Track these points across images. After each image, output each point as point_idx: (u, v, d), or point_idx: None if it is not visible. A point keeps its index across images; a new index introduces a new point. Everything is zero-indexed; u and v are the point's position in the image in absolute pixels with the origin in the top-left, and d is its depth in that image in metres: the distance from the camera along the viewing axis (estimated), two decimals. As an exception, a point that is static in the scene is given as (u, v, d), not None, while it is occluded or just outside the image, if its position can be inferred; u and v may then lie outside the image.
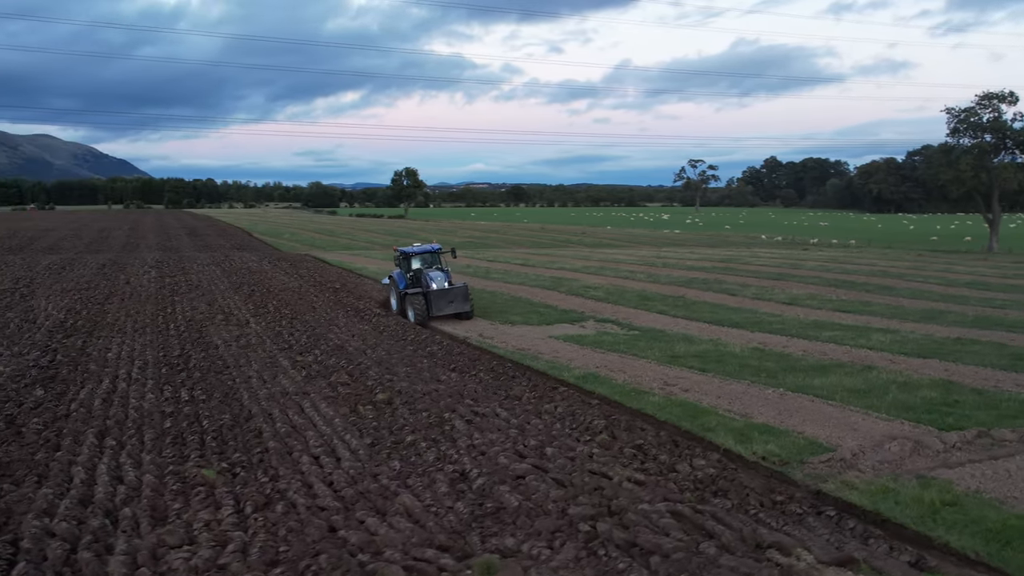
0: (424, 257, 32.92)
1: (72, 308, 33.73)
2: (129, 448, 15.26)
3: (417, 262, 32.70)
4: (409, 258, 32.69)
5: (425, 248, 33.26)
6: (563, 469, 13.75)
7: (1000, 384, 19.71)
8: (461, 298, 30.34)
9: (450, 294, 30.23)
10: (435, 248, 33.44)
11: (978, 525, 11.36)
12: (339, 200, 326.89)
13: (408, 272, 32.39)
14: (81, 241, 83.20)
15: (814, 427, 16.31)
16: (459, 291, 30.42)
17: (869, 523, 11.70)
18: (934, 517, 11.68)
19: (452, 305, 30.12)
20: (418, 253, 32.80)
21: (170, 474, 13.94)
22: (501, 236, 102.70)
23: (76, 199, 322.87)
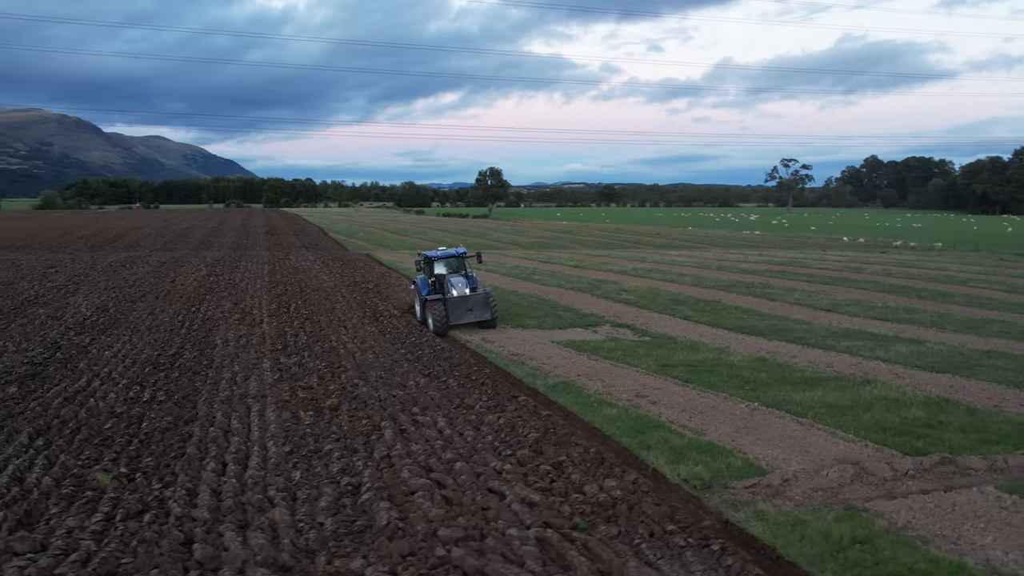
0: (449, 262, 31.00)
1: (103, 306, 34.50)
2: (53, 449, 15.19)
3: (441, 267, 30.81)
4: (432, 263, 30.84)
5: (449, 252, 31.25)
6: (461, 486, 13.00)
7: (1003, 404, 17.99)
8: (481, 306, 28.43)
9: (469, 301, 28.36)
10: (459, 252, 31.35)
11: (880, 568, 10.16)
12: (431, 200, 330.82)
13: (431, 277, 30.61)
14: (160, 239, 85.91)
15: (764, 447, 15.09)
16: (479, 298, 28.50)
17: (761, 559, 10.57)
18: (835, 557, 10.49)
19: (471, 313, 28.29)
20: (442, 258, 30.92)
21: (71, 477, 13.74)
22: (572, 237, 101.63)
23: (181, 198, 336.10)
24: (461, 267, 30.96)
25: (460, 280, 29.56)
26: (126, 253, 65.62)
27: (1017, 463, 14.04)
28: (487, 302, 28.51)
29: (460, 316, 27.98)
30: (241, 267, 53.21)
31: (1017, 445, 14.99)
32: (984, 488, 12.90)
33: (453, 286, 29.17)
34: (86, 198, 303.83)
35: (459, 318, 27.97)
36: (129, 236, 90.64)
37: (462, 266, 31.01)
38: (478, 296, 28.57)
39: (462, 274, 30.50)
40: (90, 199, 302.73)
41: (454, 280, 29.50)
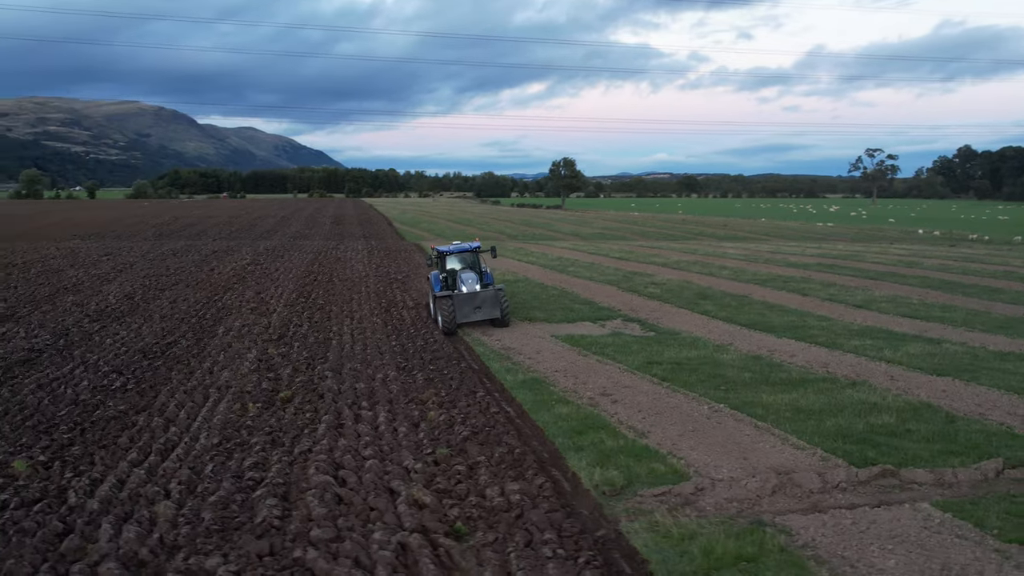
0: (464, 256, 29.46)
1: (131, 294, 35.32)
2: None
3: (454, 262, 29.36)
4: (444, 257, 29.36)
5: (463, 247, 29.79)
6: (361, 485, 12.67)
7: (988, 412, 16.75)
8: (490, 304, 26.86)
9: (477, 299, 26.73)
10: (473, 247, 29.87)
11: (754, 589, 9.41)
12: (510, 190, 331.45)
13: (443, 273, 28.94)
14: (227, 228, 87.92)
15: (703, 452, 14.34)
16: (488, 296, 26.88)
17: (626, 575, 9.95)
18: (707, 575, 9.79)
19: (479, 311, 26.74)
20: (454, 252, 29.43)
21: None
22: (636, 228, 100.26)
23: (267, 188, 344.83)
24: (475, 262, 29.44)
25: (471, 276, 27.88)
26: (185, 242, 67.32)
27: (968, 477, 12.98)
28: (497, 300, 27.04)
29: (467, 314, 26.52)
30: (287, 256, 53.97)
31: (981, 457, 13.88)
32: (919, 505, 11.94)
33: (463, 282, 27.54)
34: (177, 188, 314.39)
35: (466, 316, 26.51)
36: (199, 225, 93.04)
37: (475, 261, 29.49)
38: (487, 293, 26.95)
39: (474, 270, 28.92)
40: (180, 189, 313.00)
41: (464, 276, 27.84)
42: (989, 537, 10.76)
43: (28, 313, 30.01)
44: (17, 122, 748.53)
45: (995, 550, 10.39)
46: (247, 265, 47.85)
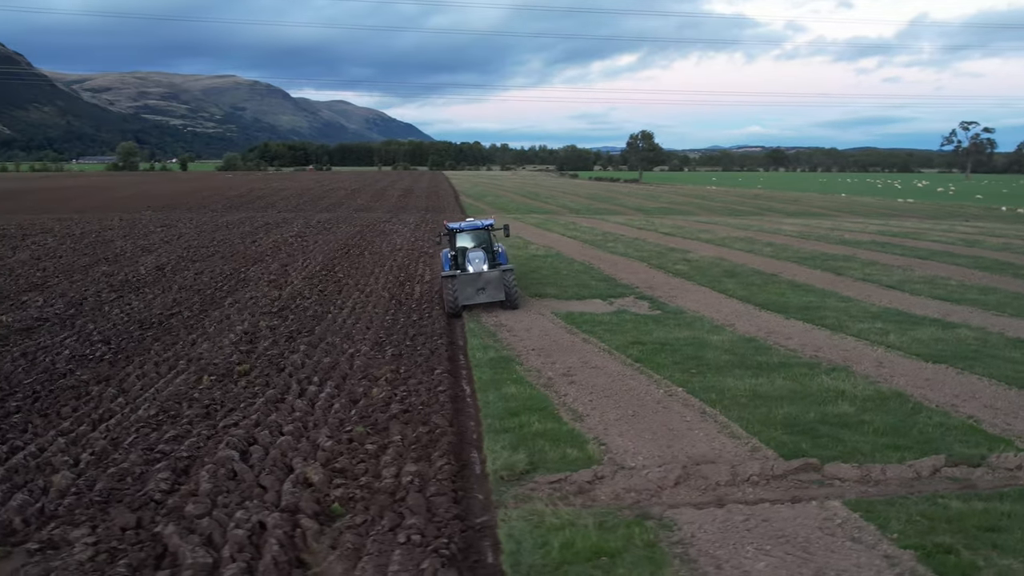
0: (478, 234, 28.11)
1: (163, 265, 36.22)
2: (-46, 401, 15.90)
3: (465, 240, 27.98)
4: (455, 235, 28.01)
5: (475, 224, 28.50)
6: (264, 461, 12.63)
7: (965, 404, 15.74)
8: (494, 286, 25.39)
9: (480, 280, 25.31)
10: (484, 224, 28.50)
11: (596, 586, 8.98)
12: (593, 163, 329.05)
13: (453, 251, 27.69)
14: (296, 200, 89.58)
15: (631, 439, 13.84)
16: (492, 277, 25.43)
17: (475, 565, 9.66)
18: (556, 570, 9.42)
19: (483, 293, 25.31)
20: (465, 230, 28.10)
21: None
22: (702, 203, 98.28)
23: (354, 160, 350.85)
24: (487, 241, 28.05)
25: (478, 255, 26.58)
26: (247, 213, 68.81)
27: (898, 475, 12.16)
28: (501, 281, 25.59)
29: (470, 296, 25.23)
30: (335, 228, 54.60)
31: (927, 452, 12.99)
32: (828, 503, 11.22)
33: (470, 262, 26.36)
34: (266, 160, 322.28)
35: (468, 298, 25.23)
36: (270, 197, 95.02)
37: (488, 240, 28.11)
38: (491, 275, 25.48)
39: (485, 249, 27.54)
40: (269, 161, 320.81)
41: (472, 255, 26.61)
42: (885, 541, 10.02)
43: (57, 283, 31.03)
44: (120, 96, 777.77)
45: (884, 555, 9.67)
46: (292, 237, 48.56)
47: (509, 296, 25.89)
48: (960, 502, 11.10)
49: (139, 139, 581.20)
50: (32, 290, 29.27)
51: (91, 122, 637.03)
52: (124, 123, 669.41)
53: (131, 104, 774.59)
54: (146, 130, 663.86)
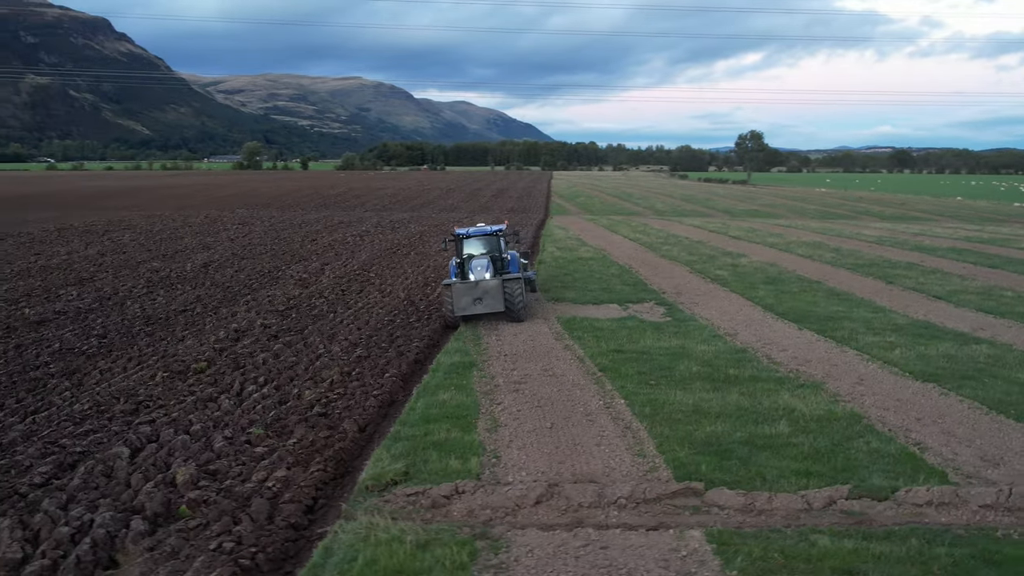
0: (487, 240, 26.28)
1: (210, 262, 37.38)
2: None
3: (474, 246, 26.16)
4: (460, 241, 26.27)
5: (483, 230, 26.71)
6: (144, 460, 12.73)
7: (922, 430, 14.49)
8: (492, 296, 23.41)
9: (477, 290, 23.35)
10: (494, 229, 26.72)
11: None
12: (707, 164, 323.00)
13: (459, 258, 25.87)
14: (389, 199, 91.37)
15: (529, 452, 13.40)
16: (491, 287, 23.45)
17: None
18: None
19: (480, 304, 23.37)
20: (473, 236, 26.36)
21: None
22: (797, 205, 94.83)
23: (469, 160, 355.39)
24: (495, 247, 26.22)
25: (482, 263, 24.79)
26: (329, 212, 70.54)
27: (783, 505, 11.23)
28: (500, 292, 23.57)
29: (467, 306, 23.41)
30: (401, 228, 55.27)
31: (836, 481, 11.99)
32: (688, 532, 10.47)
33: (471, 270, 24.70)
34: (383, 160, 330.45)
35: (465, 308, 23.44)
36: (366, 196, 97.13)
37: (497, 246, 26.26)
38: (489, 284, 23.51)
39: (491, 255, 25.67)
40: (387, 161, 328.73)
41: (475, 263, 24.90)
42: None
43: (103, 277, 32.43)
44: (251, 98, 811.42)
45: (703, 594, 8.95)
46: (353, 236, 49.37)
47: (511, 307, 24.11)
48: (832, 539, 10.16)
49: (268, 139, 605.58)
50: (75, 284, 30.66)
51: (224, 122, 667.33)
52: (255, 123, 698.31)
53: (262, 105, 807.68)
54: (275, 130, 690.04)
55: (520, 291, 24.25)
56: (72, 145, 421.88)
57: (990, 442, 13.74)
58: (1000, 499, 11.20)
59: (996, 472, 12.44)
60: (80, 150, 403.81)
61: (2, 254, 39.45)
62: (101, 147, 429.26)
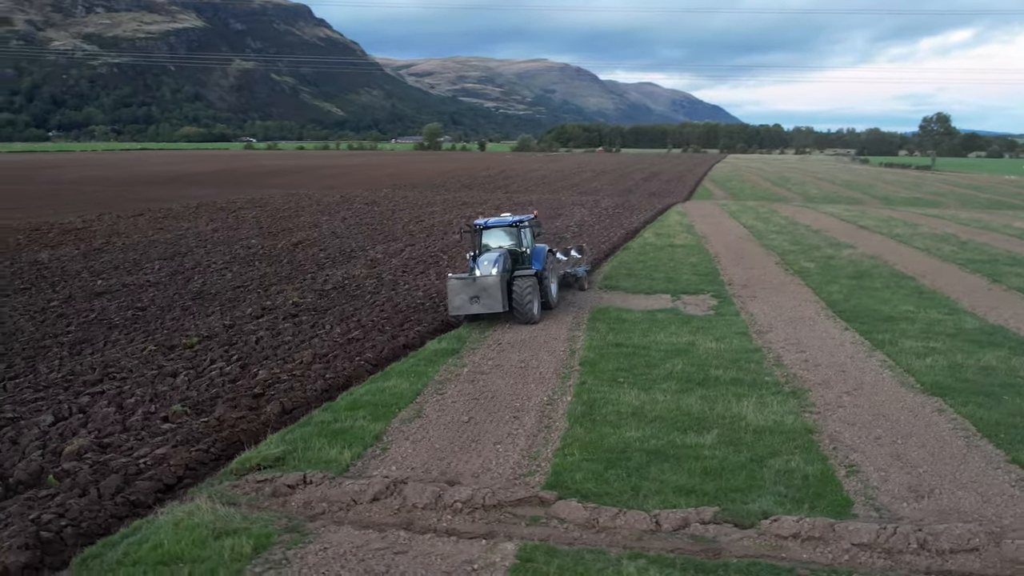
0: (507, 232, 23.83)
1: (305, 240, 38.81)
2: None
3: (492, 238, 23.77)
4: (477, 233, 23.72)
5: (503, 220, 24.13)
6: (54, 428, 13.38)
7: (874, 452, 12.97)
8: (491, 295, 20.82)
9: (474, 286, 20.89)
10: (517, 220, 24.02)
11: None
12: (898, 147, 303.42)
13: (477, 250, 23.59)
14: (539, 180, 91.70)
15: (420, 446, 13.08)
16: (488, 284, 20.84)
17: None
18: (114, 569, 9.21)
19: (477, 304, 20.94)
20: (492, 227, 23.87)
21: None
22: (963, 194, 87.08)
23: (647, 142, 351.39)
24: (517, 239, 23.83)
25: (489, 257, 22.10)
26: (468, 193, 71.67)
27: (629, 523, 10.32)
28: (500, 290, 20.87)
29: (461, 306, 21.09)
30: (521, 210, 55.20)
31: (716, 501, 10.96)
32: (503, 544, 9.86)
33: (477, 265, 22.24)
34: (560, 142, 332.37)
35: (459, 308, 21.14)
36: (516, 177, 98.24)
37: (519, 238, 23.86)
38: (487, 280, 20.88)
39: (508, 249, 23.31)
40: (564, 143, 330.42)
41: (482, 258, 22.40)
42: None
43: (197, 253, 34.35)
44: (440, 80, 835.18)
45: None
46: (460, 217, 49.81)
47: (518, 308, 21.54)
48: (643, 568, 9.26)
49: (454, 120, 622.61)
50: (166, 259, 32.66)
51: (413, 104, 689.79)
52: (442, 105, 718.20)
53: (450, 87, 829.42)
54: (461, 112, 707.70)
55: (530, 290, 21.58)
56: (272, 125, 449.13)
57: (939, 470, 12.10)
58: (880, 538, 9.84)
59: (914, 506, 10.94)
60: (279, 130, 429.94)
61: (128, 227, 42.63)
62: (298, 127, 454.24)
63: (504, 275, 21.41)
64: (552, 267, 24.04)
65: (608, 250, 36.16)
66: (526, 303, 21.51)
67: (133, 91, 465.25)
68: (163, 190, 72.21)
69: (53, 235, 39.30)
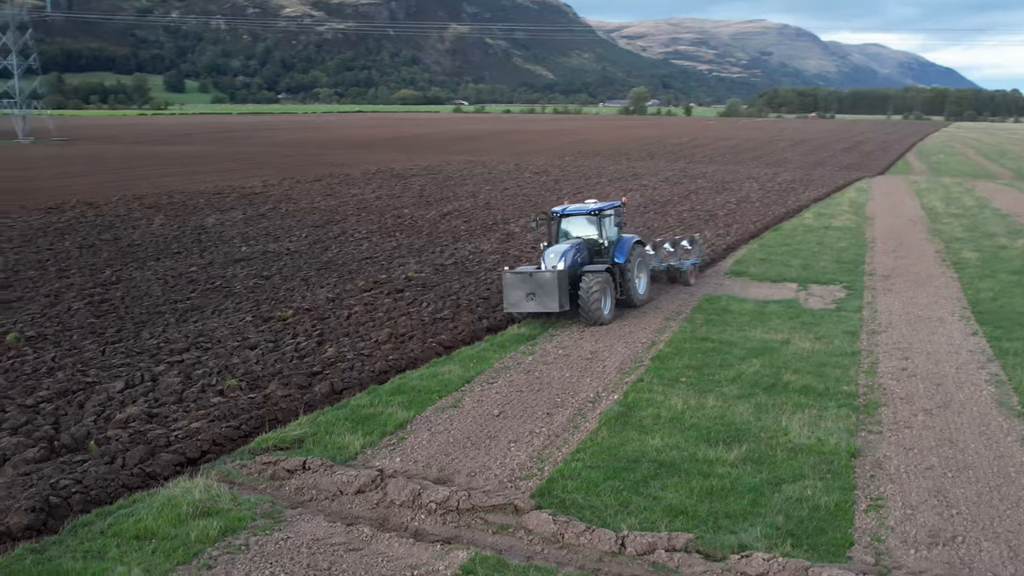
0: (587, 220, 21.62)
1: (457, 210, 39.67)
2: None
3: (578, 226, 21.77)
4: (554, 221, 21.85)
5: (582, 208, 21.78)
6: (120, 393, 14.55)
7: (899, 490, 11.84)
8: (547, 292, 19.01)
9: (531, 282, 19.18)
10: (598, 208, 21.59)
11: None
12: None
13: (551, 241, 21.85)
14: (725, 150, 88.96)
15: (435, 437, 13.21)
16: (546, 281, 19.05)
17: None
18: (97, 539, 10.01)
19: (531, 301, 19.21)
20: (571, 214, 21.76)
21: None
22: None
23: (866, 108, 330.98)
24: (601, 229, 21.53)
25: (554, 251, 20.40)
26: (643, 163, 70.45)
27: (595, 543, 9.85)
28: (557, 288, 18.99)
29: (517, 302, 19.46)
30: (687, 184, 53.74)
31: (705, 527, 10.35)
32: (456, 552, 9.78)
33: (544, 257, 20.60)
34: (772, 107, 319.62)
35: (515, 305, 19.54)
36: (706, 147, 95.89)
37: (601, 228, 21.52)
38: (543, 276, 19.12)
39: (581, 240, 21.35)
40: (776, 108, 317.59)
41: (548, 250, 20.71)
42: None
43: (348, 221, 35.95)
44: (652, 43, 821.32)
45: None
46: (621, 190, 49.03)
47: (585, 309, 19.60)
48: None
49: (665, 84, 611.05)
50: (316, 226, 34.39)
51: (623, 68, 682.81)
52: (653, 68, 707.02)
53: (662, 50, 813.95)
54: (673, 75, 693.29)
55: (597, 288, 19.46)
56: (484, 89, 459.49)
57: (979, 514, 10.73)
58: (856, 587, 8.98)
59: (923, 554, 9.80)
60: (490, 93, 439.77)
61: (300, 193, 45.21)
62: (509, 91, 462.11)
63: (571, 270, 19.83)
64: (640, 260, 21.80)
65: (754, 231, 34.49)
66: (592, 302, 19.40)
67: (355, 55, 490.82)
68: (356, 154, 75.91)
69: (231, 199, 42.36)
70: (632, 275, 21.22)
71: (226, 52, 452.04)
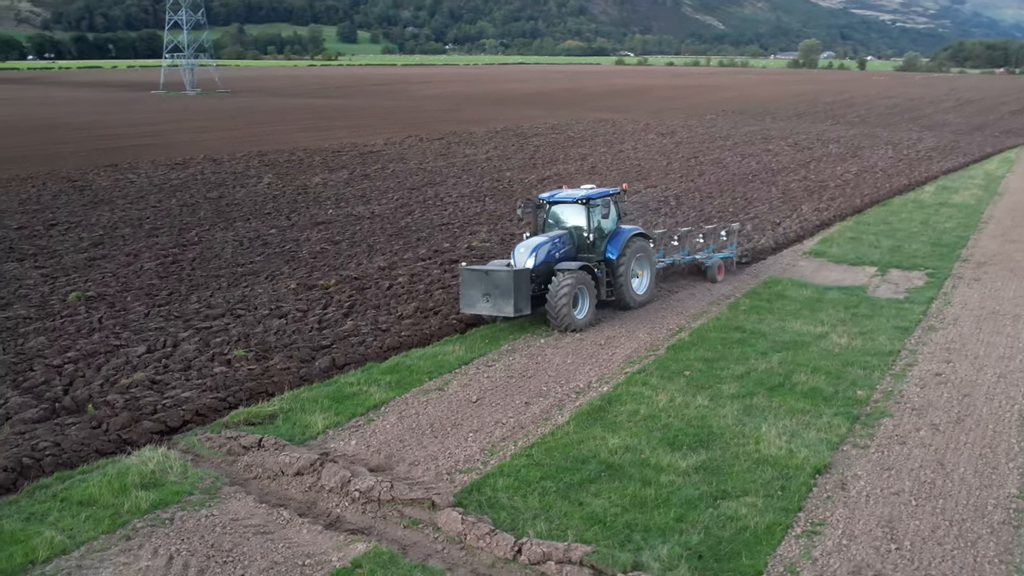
0: (580, 208, 19.04)
1: (556, 175, 39.36)
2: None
3: (571, 215, 19.33)
4: (541, 209, 19.79)
5: (574, 195, 19.29)
6: (140, 358, 15.59)
7: (875, 515, 11.19)
8: (504, 294, 16.91)
9: (487, 281, 17.15)
10: (587, 195, 19.03)
11: None
12: None
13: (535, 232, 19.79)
14: (880, 112, 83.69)
15: (405, 422, 13.45)
16: (501, 280, 16.97)
17: None
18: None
19: (486, 302, 17.15)
20: (561, 202, 19.45)
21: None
22: None
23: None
24: (589, 218, 18.98)
25: (527, 244, 18.46)
26: (783, 124, 67.49)
27: (492, 546, 9.88)
28: (512, 290, 16.83)
29: (473, 302, 17.43)
30: (813, 150, 51.18)
31: (618, 542, 10.18)
32: (356, 544, 10.12)
33: (514, 252, 18.71)
34: (956, 62, 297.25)
35: (471, 305, 17.53)
36: (860, 106, 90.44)
37: (590, 218, 18.97)
38: (499, 275, 17.05)
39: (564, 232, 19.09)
40: (961, 63, 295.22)
41: (520, 244, 18.80)
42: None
43: (446, 183, 36.47)
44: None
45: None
46: (737, 156, 47.31)
47: (550, 311, 17.52)
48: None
49: (843, 35, 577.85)
50: (412, 189, 35.10)
51: (799, 18, 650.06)
52: (831, 18, 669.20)
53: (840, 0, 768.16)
54: (852, 25, 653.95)
55: (567, 291, 17.28)
56: (651, 40, 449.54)
57: (923, 553, 9.95)
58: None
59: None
60: (657, 45, 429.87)
61: (416, 153, 46.10)
62: (676, 42, 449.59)
63: (544, 267, 17.92)
64: (639, 255, 19.37)
65: (858, 207, 32.52)
66: (559, 306, 17.25)
67: (522, 5, 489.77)
68: (494, 110, 76.53)
69: (346, 158, 43.72)
70: (626, 273, 18.84)
71: (397, 3, 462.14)
